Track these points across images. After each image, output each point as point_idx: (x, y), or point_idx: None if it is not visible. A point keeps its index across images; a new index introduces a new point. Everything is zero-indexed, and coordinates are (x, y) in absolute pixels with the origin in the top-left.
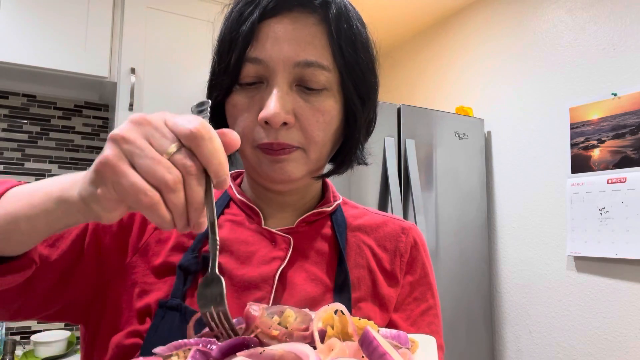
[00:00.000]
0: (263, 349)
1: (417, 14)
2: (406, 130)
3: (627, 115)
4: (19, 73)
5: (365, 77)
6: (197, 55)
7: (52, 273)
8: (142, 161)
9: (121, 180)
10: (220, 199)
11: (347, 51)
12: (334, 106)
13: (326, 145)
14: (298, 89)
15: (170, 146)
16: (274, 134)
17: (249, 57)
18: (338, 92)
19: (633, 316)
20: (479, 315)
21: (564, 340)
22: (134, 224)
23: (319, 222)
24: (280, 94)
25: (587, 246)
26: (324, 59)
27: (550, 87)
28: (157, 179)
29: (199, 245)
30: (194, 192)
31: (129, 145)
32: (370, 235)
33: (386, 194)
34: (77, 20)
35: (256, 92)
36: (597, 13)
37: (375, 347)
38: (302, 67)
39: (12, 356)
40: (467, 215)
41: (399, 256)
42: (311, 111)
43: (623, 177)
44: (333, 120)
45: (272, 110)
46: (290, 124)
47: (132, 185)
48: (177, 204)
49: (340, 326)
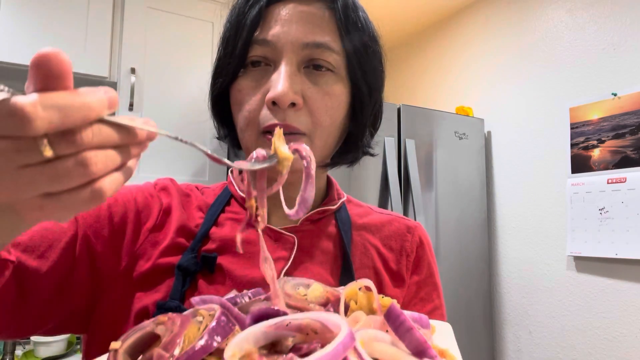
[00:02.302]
0: (289, 319)
1: (417, 14)
2: (406, 130)
3: (627, 115)
4: (19, 73)
5: (372, 64)
6: (197, 55)
7: (46, 285)
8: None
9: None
10: (221, 196)
11: (355, 36)
12: (343, 91)
13: (332, 133)
14: (306, 71)
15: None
16: (281, 115)
17: (257, 39)
18: (346, 77)
19: (633, 316)
20: (479, 315)
21: (564, 340)
22: (127, 228)
23: (324, 220)
24: (289, 73)
25: (587, 246)
26: (333, 41)
27: (550, 87)
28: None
29: (198, 245)
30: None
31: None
32: (376, 234)
33: (386, 194)
34: (77, 20)
35: (263, 75)
36: (597, 13)
37: (402, 322)
38: (310, 49)
39: (12, 356)
40: (467, 215)
41: (405, 256)
42: (320, 94)
43: (623, 177)
44: (341, 105)
45: (280, 89)
46: (299, 106)
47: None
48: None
49: (365, 302)
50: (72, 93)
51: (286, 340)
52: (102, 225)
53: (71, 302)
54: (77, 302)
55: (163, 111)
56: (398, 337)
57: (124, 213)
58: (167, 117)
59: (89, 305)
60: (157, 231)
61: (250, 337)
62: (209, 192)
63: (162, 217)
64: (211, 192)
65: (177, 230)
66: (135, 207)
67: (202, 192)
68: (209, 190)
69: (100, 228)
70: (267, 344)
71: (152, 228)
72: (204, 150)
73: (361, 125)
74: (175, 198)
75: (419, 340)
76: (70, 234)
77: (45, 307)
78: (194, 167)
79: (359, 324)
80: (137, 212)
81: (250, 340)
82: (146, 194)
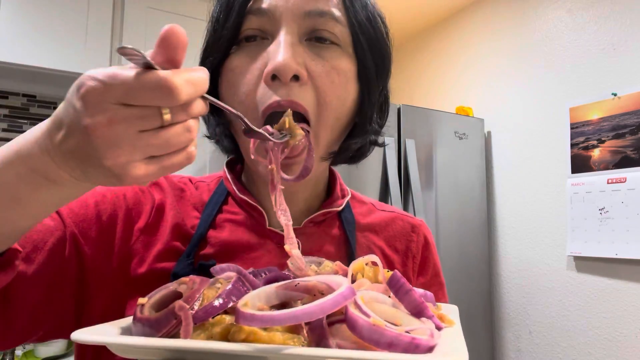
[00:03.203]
0: (298, 281)
1: (416, 14)
2: (406, 130)
3: (627, 115)
4: (19, 73)
5: (379, 41)
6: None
7: (33, 290)
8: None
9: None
10: (216, 194)
11: (361, 7)
12: (350, 67)
13: (339, 119)
14: (309, 44)
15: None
16: (284, 90)
17: (252, 8)
18: (352, 54)
19: (633, 316)
20: (479, 315)
21: (564, 340)
22: (117, 227)
23: (328, 221)
24: (290, 43)
25: (587, 246)
26: (337, 10)
27: (550, 87)
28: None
29: (194, 250)
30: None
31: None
32: (380, 235)
33: (386, 194)
34: (77, 20)
35: (259, 50)
36: (597, 13)
37: (402, 285)
38: (313, 18)
39: (12, 356)
40: (467, 215)
41: (411, 257)
42: (325, 70)
43: (623, 177)
44: (349, 83)
45: (281, 59)
46: (303, 79)
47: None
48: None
49: (371, 274)
50: (199, 70)
51: (295, 303)
52: (90, 225)
53: (61, 307)
54: (67, 306)
55: None
56: (398, 299)
57: (113, 211)
58: None
59: (79, 309)
60: (150, 231)
61: (262, 294)
62: (204, 186)
63: (154, 216)
64: (205, 187)
65: (171, 231)
66: (125, 204)
67: (197, 186)
68: (204, 185)
69: (87, 228)
70: (277, 304)
71: (144, 228)
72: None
73: (369, 111)
74: (168, 194)
75: (417, 301)
76: (58, 234)
77: (34, 313)
78: (194, 167)
79: (362, 288)
80: (127, 210)
81: (262, 297)
82: (136, 189)
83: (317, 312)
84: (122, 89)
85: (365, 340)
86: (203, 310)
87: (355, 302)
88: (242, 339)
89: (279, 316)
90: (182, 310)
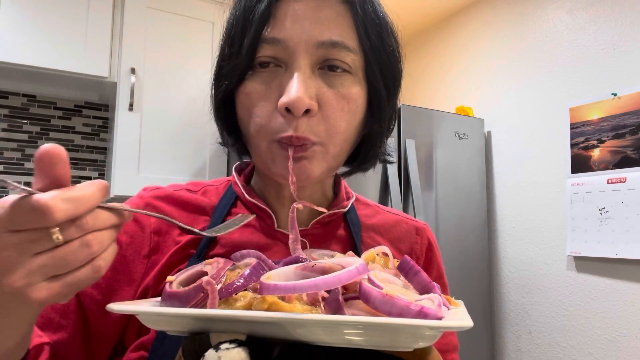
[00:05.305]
0: (314, 263)
1: (416, 14)
2: (406, 130)
3: (627, 115)
4: (19, 73)
5: (391, 63)
6: (197, 56)
7: (73, 353)
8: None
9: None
10: (226, 197)
11: (374, 33)
12: (360, 94)
13: (347, 140)
14: (321, 72)
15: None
16: (295, 123)
17: (266, 37)
18: (363, 79)
19: (633, 316)
20: (479, 315)
21: (564, 340)
22: (121, 279)
23: (333, 223)
24: (303, 76)
25: (587, 246)
26: (350, 39)
27: (550, 87)
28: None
29: (204, 251)
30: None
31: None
32: (385, 236)
33: (386, 194)
34: (77, 20)
35: (274, 78)
36: (597, 13)
37: (412, 267)
38: (326, 48)
39: None
40: (467, 215)
41: (415, 259)
42: (336, 98)
43: (623, 177)
44: (358, 110)
45: (294, 94)
46: (314, 111)
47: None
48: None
49: (382, 264)
50: (86, 186)
51: None
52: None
53: (100, 353)
54: (104, 350)
55: (163, 111)
56: (408, 280)
57: (115, 266)
58: (167, 117)
59: (118, 346)
60: (155, 254)
61: (281, 274)
62: (212, 190)
63: (154, 240)
64: (214, 191)
65: (180, 235)
66: (123, 253)
67: (205, 190)
68: (212, 189)
69: (93, 293)
70: None
71: (149, 253)
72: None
73: (378, 131)
74: (173, 212)
75: (426, 281)
76: (75, 297)
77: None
78: (194, 168)
79: (374, 270)
80: (124, 258)
81: (282, 277)
82: (131, 224)
83: (334, 282)
84: (5, 216)
85: (379, 311)
86: (226, 287)
87: (368, 278)
88: (265, 309)
89: (300, 285)
90: (209, 284)
